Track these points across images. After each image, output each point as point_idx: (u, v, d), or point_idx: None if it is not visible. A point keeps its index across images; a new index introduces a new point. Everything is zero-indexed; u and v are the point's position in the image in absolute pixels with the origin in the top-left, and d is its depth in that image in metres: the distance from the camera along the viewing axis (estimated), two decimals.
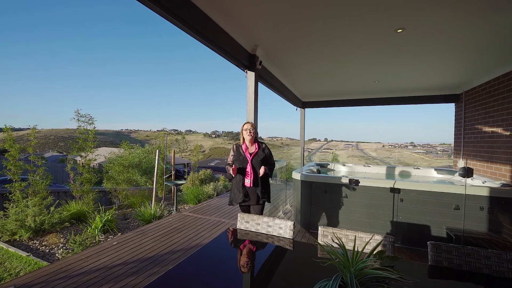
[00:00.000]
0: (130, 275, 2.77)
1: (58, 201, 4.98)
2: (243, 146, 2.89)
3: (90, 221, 4.50)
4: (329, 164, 6.69)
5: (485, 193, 3.32)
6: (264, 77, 4.15)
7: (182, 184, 6.38)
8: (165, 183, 6.58)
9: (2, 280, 2.87)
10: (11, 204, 4.39)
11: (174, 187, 6.11)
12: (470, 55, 3.70)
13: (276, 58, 4.09)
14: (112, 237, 4.16)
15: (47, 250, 3.72)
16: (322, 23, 2.87)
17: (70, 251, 3.64)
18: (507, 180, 4.05)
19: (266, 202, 2.97)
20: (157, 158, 6.02)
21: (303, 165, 7.62)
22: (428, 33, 3.00)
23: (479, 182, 4.10)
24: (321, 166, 6.34)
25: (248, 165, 2.79)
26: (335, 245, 1.73)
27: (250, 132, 2.86)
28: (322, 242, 1.84)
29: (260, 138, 3.11)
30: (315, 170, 5.34)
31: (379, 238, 1.71)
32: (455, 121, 5.91)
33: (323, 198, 4.11)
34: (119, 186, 7.61)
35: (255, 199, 2.85)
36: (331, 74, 4.93)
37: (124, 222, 5.01)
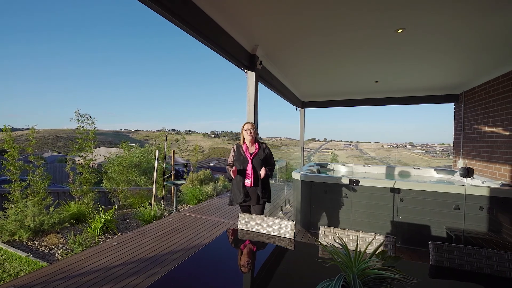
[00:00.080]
0: (130, 276, 2.77)
1: (57, 201, 4.96)
2: (244, 146, 2.89)
3: (90, 221, 4.49)
4: (328, 164, 6.69)
5: (485, 193, 3.33)
6: (264, 77, 4.15)
7: (181, 184, 6.37)
8: (164, 183, 6.57)
9: (1, 280, 2.86)
10: (10, 204, 4.38)
11: (173, 187, 6.10)
12: (471, 55, 3.71)
13: (276, 58, 4.09)
14: (112, 237, 4.15)
15: (47, 251, 3.71)
16: (322, 23, 2.86)
17: (70, 252, 3.62)
18: (507, 180, 4.06)
19: (266, 202, 2.97)
20: (156, 158, 6.01)
21: (303, 165, 7.63)
22: (428, 33, 3.00)
23: (479, 182, 4.11)
24: (321, 166, 6.34)
25: (248, 165, 2.79)
26: (337, 245, 1.74)
27: (251, 132, 2.86)
28: (324, 242, 1.84)
29: (260, 138, 3.11)
30: (315, 170, 5.34)
31: (381, 238, 1.71)
32: (455, 121, 5.92)
33: (323, 198, 4.11)
34: (119, 186, 7.59)
35: (256, 199, 2.84)
36: (332, 74, 4.93)
37: (123, 222, 4.99)
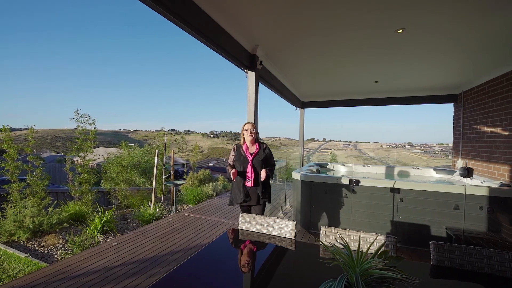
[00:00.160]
0: (131, 276, 2.76)
1: (56, 201, 4.95)
2: (244, 147, 2.89)
3: (89, 221, 4.47)
4: (328, 164, 6.69)
5: (484, 192, 3.34)
6: (264, 77, 4.14)
7: (181, 184, 6.36)
8: (164, 183, 6.56)
9: (1, 281, 2.85)
10: (9, 204, 4.36)
11: (173, 187, 6.08)
12: (470, 56, 3.72)
13: (276, 58, 4.08)
14: (111, 237, 4.14)
15: (46, 251, 3.69)
16: (322, 23, 2.86)
17: (69, 252, 3.61)
18: (506, 179, 4.07)
19: (267, 203, 2.96)
20: (156, 158, 6.00)
21: (303, 165, 7.63)
22: (428, 33, 3.01)
23: (478, 182, 4.12)
24: (320, 166, 6.34)
25: (249, 165, 2.79)
26: (339, 245, 1.73)
27: (251, 132, 2.85)
28: (325, 243, 1.84)
29: (259, 138, 3.10)
30: (315, 170, 5.34)
31: (382, 238, 1.71)
32: (454, 121, 5.93)
33: (323, 198, 4.11)
34: (118, 186, 7.57)
35: (256, 199, 2.84)
36: (331, 74, 4.93)
37: (123, 222, 4.98)
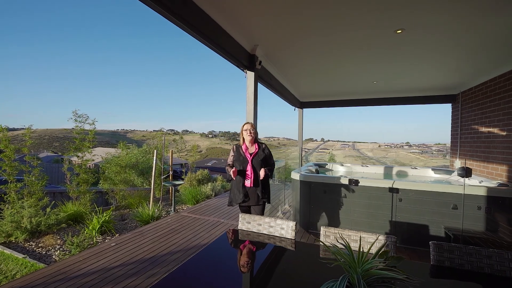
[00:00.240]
0: (130, 277, 2.75)
1: (54, 202, 4.91)
2: (243, 147, 2.88)
3: (87, 222, 4.45)
4: (327, 164, 6.70)
5: (482, 192, 3.35)
6: (263, 77, 4.14)
7: (180, 184, 6.34)
8: (163, 184, 6.53)
9: None
10: (7, 205, 4.33)
11: (172, 188, 6.06)
12: (469, 56, 3.73)
13: (275, 58, 4.08)
14: (110, 238, 4.12)
15: (44, 252, 3.67)
16: (322, 23, 2.87)
17: (68, 253, 3.59)
18: (504, 179, 4.10)
19: (266, 203, 2.96)
20: (155, 158, 5.98)
21: (301, 165, 7.64)
22: (428, 33, 3.02)
23: (476, 181, 4.15)
24: (319, 166, 6.35)
25: (248, 165, 2.78)
26: (339, 245, 1.73)
27: (250, 132, 2.85)
28: (325, 243, 1.84)
29: (258, 139, 3.10)
30: (314, 170, 5.35)
31: (382, 238, 1.71)
32: (452, 121, 5.96)
33: (322, 198, 4.12)
34: (116, 186, 7.53)
35: (255, 200, 2.83)
36: (331, 74, 4.94)
37: (121, 223, 4.96)
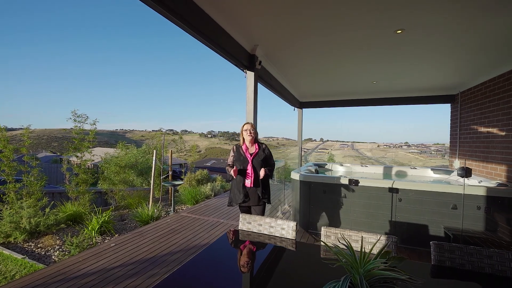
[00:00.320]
0: (130, 277, 2.74)
1: (53, 202, 4.90)
2: (243, 147, 2.88)
3: (87, 222, 4.44)
4: (326, 164, 6.71)
5: (482, 192, 3.36)
6: (263, 77, 4.14)
7: (179, 184, 6.33)
8: (162, 184, 6.53)
9: None
10: (5, 205, 4.31)
11: (171, 188, 6.06)
12: (469, 56, 3.74)
13: (275, 58, 4.08)
14: (109, 238, 4.11)
15: (43, 253, 3.66)
16: (322, 23, 2.87)
17: (67, 253, 3.58)
18: (503, 179, 4.11)
19: (266, 203, 2.96)
20: (154, 158, 5.97)
21: (301, 165, 7.64)
22: (427, 33, 3.02)
23: (475, 181, 4.16)
24: (319, 166, 6.35)
25: (248, 165, 2.78)
26: (340, 245, 1.73)
27: (250, 132, 2.85)
28: (326, 243, 1.84)
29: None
30: (314, 170, 5.35)
31: (383, 238, 1.72)
32: (451, 121, 5.98)
33: (322, 198, 4.12)
34: (115, 187, 7.52)
35: (256, 200, 2.83)
36: (330, 74, 4.94)
37: (121, 223, 4.95)
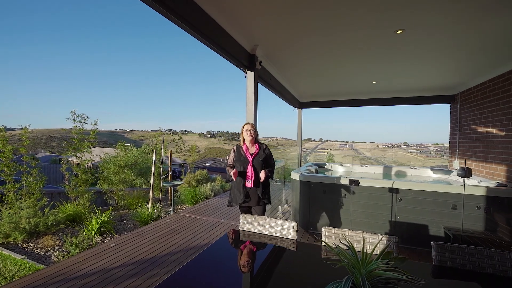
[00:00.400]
0: (130, 277, 2.73)
1: (52, 202, 4.88)
2: (244, 147, 2.87)
3: (86, 222, 4.42)
4: (326, 164, 6.71)
5: (482, 192, 3.37)
6: (263, 77, 4.13)
7: (179, 184, 6.33)
8: (162, 184, 6.52)
9: None
10: (4, 206, 4.30)
11: (171, 188, 6.05)
12: (468, 56, 3.74)
13: (275, 58, 4.08)
14: (109, 238, 4.10)
15: (43, 253, 3.64)
16: (322, 23, 2.87)
17: (67, 254, 3.57)
18: (502, 179, 4.11)
19: (267, 204, 2.95)
20: (154, 158, 5.96)
21: (301, 165, 7.64)
22: (427, 33, 3.02)
23: (475, 181, 4.17)
24: (318, 166, 6.35)
25: (249, 165, 2.78)
26: (342, 246, 1.73)
27: (251, 133, 2.84)
28: (327, 243, 1.84)
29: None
30: (313, 170, 5.35)
31: (384, 238, 1.72)
32: (451, 121, 5.99)
33: (322, 198, 4.12)
34: (115, 187, 7.51)
35: (256, 200, 2.83)
36: (330, 74, 4.94)
37: (121, 223, 4.94)
